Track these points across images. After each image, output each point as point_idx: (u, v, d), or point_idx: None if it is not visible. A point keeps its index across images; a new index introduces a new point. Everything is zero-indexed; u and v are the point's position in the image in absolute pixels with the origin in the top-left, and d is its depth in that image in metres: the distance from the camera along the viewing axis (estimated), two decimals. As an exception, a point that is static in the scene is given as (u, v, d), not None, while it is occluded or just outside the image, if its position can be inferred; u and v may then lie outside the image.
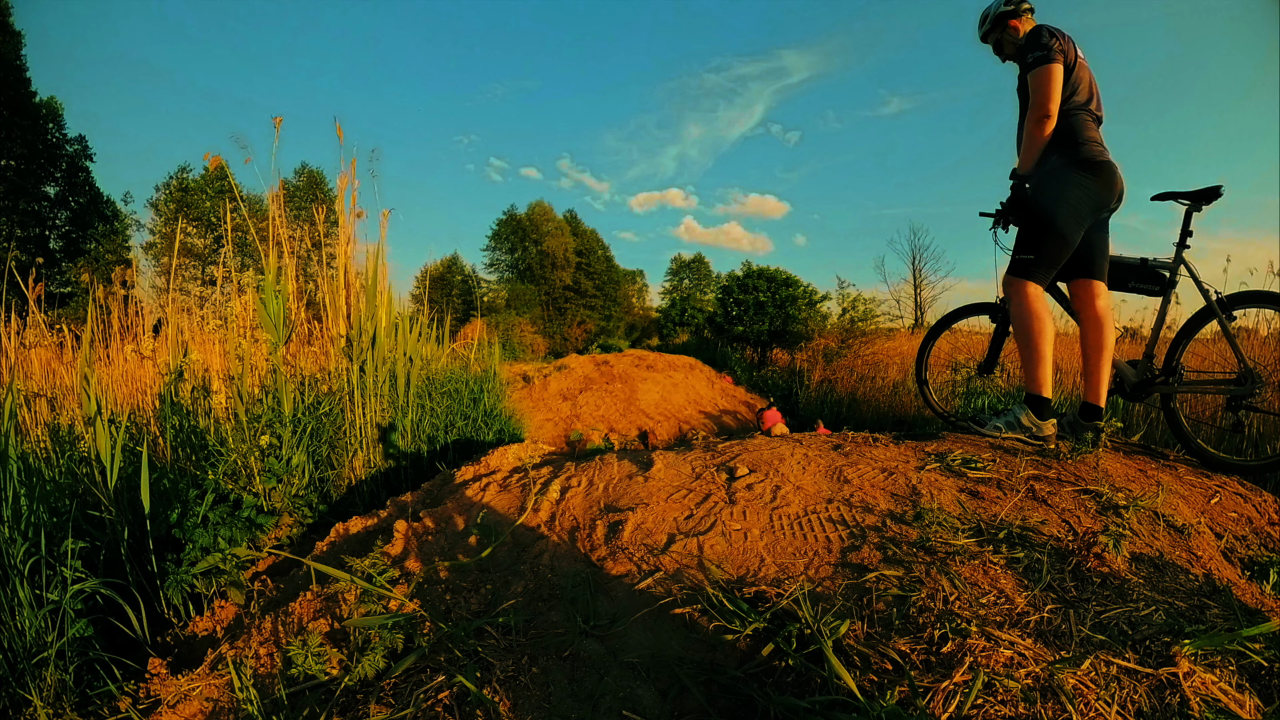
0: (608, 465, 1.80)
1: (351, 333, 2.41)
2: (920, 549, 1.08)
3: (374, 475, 2.37)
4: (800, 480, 1.49)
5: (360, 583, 1.10)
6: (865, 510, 1.28)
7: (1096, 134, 1.73)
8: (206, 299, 12.88)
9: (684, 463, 1.74)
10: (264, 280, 2.05)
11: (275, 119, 2.27)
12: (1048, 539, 1.11)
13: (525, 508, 1.49)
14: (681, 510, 1.37)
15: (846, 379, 6.80)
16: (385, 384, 2.50)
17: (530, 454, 2.30)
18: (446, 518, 1.56)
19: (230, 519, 1.57)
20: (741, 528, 1.25)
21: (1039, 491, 1.33)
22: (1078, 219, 1.66)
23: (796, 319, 9.70)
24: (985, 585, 0.96)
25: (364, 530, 1.69)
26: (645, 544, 1.22)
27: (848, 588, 0.98)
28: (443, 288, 28.13)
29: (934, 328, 2.33)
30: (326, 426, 2.23)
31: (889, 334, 8.77)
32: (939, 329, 2.32)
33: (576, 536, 1.32)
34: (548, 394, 6.93)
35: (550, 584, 1.13)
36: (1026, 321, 1.68)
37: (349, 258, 2.57)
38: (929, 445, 1.73)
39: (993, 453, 1.61)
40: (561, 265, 29.69)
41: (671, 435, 5.94)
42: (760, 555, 1.13)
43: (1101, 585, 0.97)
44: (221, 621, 1.36)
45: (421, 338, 2.96)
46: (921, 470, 1.49)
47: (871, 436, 1.91)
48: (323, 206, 2.77)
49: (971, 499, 1.31)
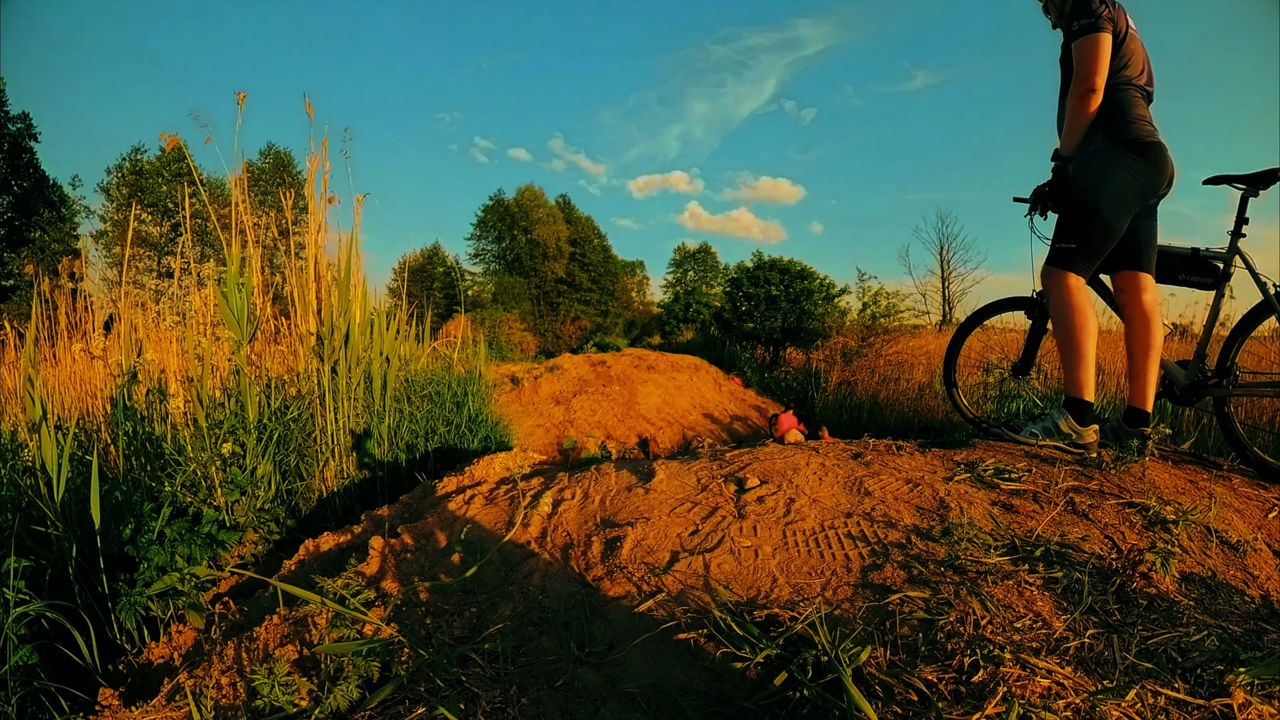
0: (605, 476, 1.80)
1: (323, 330, 2.42)
2: (949, 568, 1.08)
3: (347, 487, 2.37)
4: (816, 492, 1.49)
5: (332, 605, 1.10)
6: (888, 525, 1.28)
7: (1146, 112, 1.72)
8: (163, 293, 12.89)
9: (688, 473, 1.74)
10: (226, 272, 2.05)
11: (238, 95, 2.27)
12: (1089, 557, 1.11)
13: (514, 523, 1.49)
14: (686, 525, 1.37)
15: (867, 381, 6.80)
16: (360, 386, 2.50)
17: (519, 463, 2.30)
18: (427, 534, 1.56)
19: (189, 535, 1.57)
20: (752, 545, 1.25)
21: (1079, 505, 1.33)
22: (1124, 205, 1.66)
23: (812, 315, 9.70)
24: (1020, 608, 0.96)
25: (336, 547, 1.69)
26: (646, 562, 1.22)
27: (869, 610, 0.99)
28: (423, 281, 28.15)
29: (965, 324, 2.34)
30: (295, 433, 2.23)
31: (914, 331, 8.78)
32: (970, 325, 2.32)
33: (570, 554, 1.31)
34: (538, 397, 6.94)
35: (541, 606, 1.13)
36: (1066, 317, 1.68)
37: (320, 247, 2.57)
38: (958, 454, 1.73)
39: (1028, 462, 1.61)
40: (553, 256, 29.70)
41: (675, 443, 5.94)
42: (772, 575, 1.14)
43: (1148, 608, 0.97)
44: (179, 648, 1.36)
45: (399, 335, 2.96)
46: (950, 481, 1.49)
47: (895, 444, 1.91)
48: (291, 191, 2.77)
49: (1005, 513, 1.31)
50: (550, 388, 7.23)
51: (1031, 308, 2.13)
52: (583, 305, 30.25)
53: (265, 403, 2.19)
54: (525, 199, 30.18)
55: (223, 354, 2.32)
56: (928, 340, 7.95)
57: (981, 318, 2.28)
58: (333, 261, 2.64)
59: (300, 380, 2.43)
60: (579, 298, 30.37)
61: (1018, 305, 2.17)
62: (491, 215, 31.03)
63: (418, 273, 28.11)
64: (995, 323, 2.41)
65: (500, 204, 30.92)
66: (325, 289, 2.55)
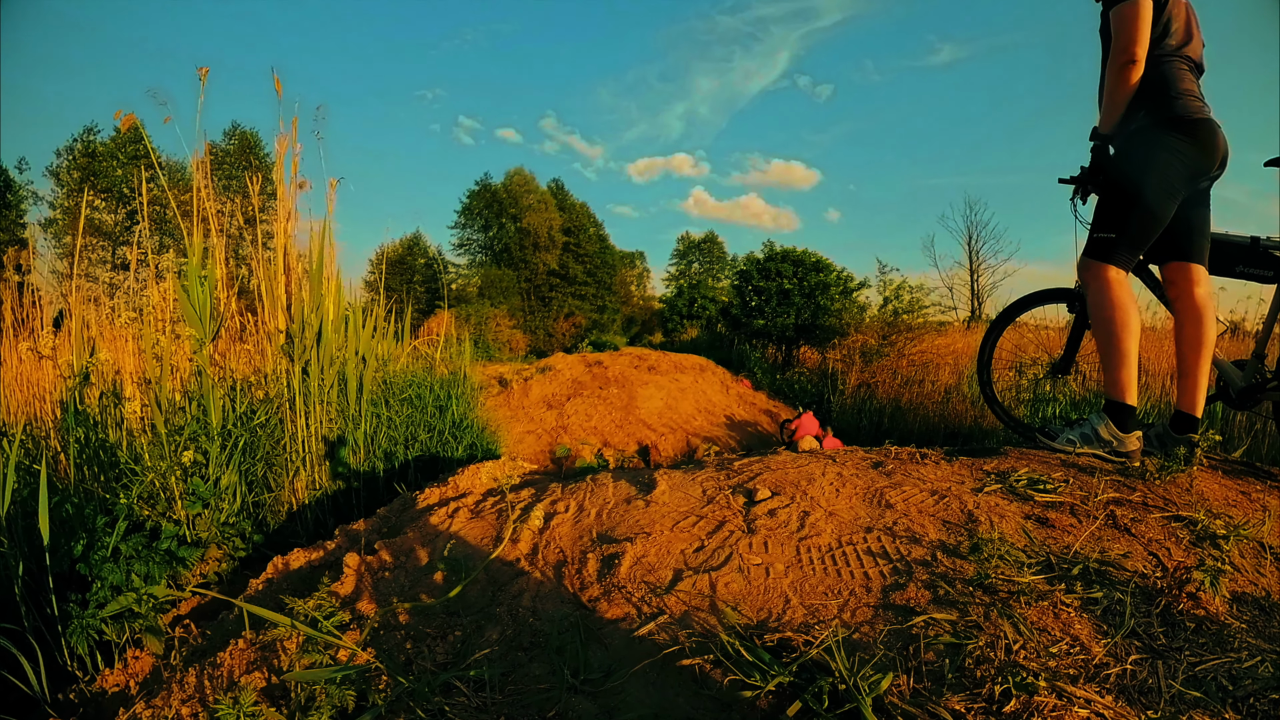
0: (601, 487, 1.80)
1: (293, 327, 2.42)
2: (978, 587, 1.09)
3: (319, 499, 2.37)
4: (833, 505, 1.49)
5: (303, 628, 1.10)
6: (911, 541, 1.28)
7: (1194, 85, 1.71)
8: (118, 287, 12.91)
9: (693, 484, 1.74)
10: (187, 264, 2.05)
11: (200, 69, 2.27)
12: (1131, 575, 1.11)
13: (502, 538, 1.50)
14: (690, 541, 1.37)
15: (889, 383, 6.80)
16: (333, 389, 2.50)
17: (508, 473, 2.30)
18: (407, 550, 1.56)
19: (146, 552, 1.57)
20: (763, 562, 1.25)
21: (1121, 518, 1.33)
22: (1169, 189, 1.66)
23: (829, 310, 9.71)
24: (1056, 631, 0.96)
25: (308, 565, 1.69)
26: (646, 581, 1.22)
27: (890, 634, 0.99)
28: (403, 273, 28.17)
29: (999, 319, 2.34)
30: (262, 440, 2.23)
31: (940, 329, 8.78)
32: (1005, 320, 2.33)
33: (564, 573, 1.32)
34: (529, 401, 6.94)
35: (532, 630, 1.13)
36: (1106, 313, 1.68)
37: (289, 237, 2.57)
38: (988, 462, 1.73)
39: (1065, 471, 1.61)
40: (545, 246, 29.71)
41: (678, 450, 5.95)
42: (785, 595, 1.14)
43: (1196, 631, 0.97)
44: (136, 675, 1.36)
45: (377, 333, 2.96)
46: (979, 493, 1.49)
47: (919, 452, 1.91)
48: (258, 175, 2.77)
49: (1039, 527, 1.31)
50: (542, 390, 7.24)
51: (1073, 301, 2.13)
52: (577, 300, 30.27)
53: (230, 407, 2.19)
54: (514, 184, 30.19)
55: (183, 354, 2.32)
56: (955, 338, 7.95)
57: (1018, 311, 2.28)
58: (304, 252, 2.64)
59: (268, 382, 2.43)
60: (573, 292, 30.39)
61: (1058, 298, 2.17)
62: (477, 202, 31.04)
63: (397, 264, 28.14)
64: (1029, 318, 2.41)
65: (487, 189, 30.92)
66: (295, 282, 2.55)
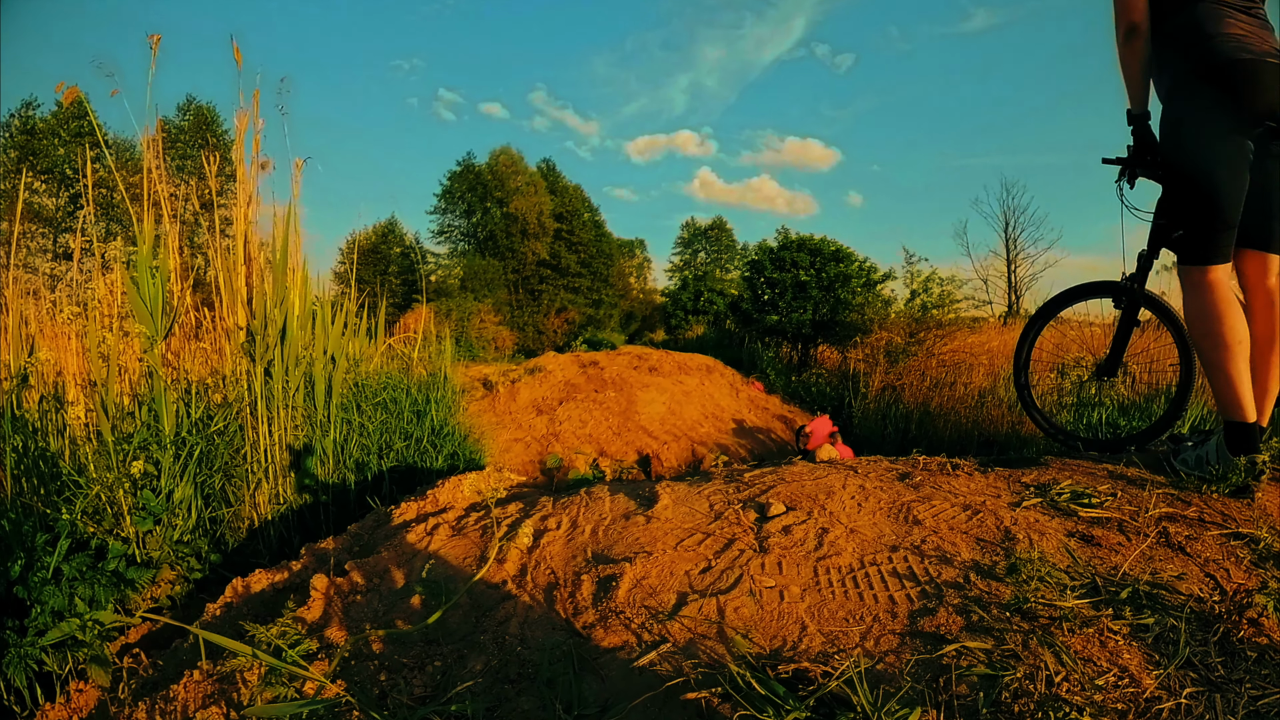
0: (597, 501, 1.80)
1: (254, 324, 2.42)
2: (1016, 613, 1.08)
3: (284, 514, 2.37)
4: (855, 521, 1.49)
5: (266, 658, 1.10)
6: (942, 561, 1.28)
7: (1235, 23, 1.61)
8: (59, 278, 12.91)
9: (699, 497, 1.74)
10: (136, 253, 2.05)
11: (151, 37, 2.27)
12: (1186, 600, 1.11)
13: (487, 558, 1.50)
14: (696, 561, 1.37)
15: (917, 385, 6.81)
16: (299, 392, 2.50)
17: (493, 486, 2.30)
18: (381, 571, 1.56)
19: (91, 573, 1.57)
20: (776, 584, 1.25)
21: (1174, 536, 1.33)
22: (1221, 152, 1.58)
23: (850, 305, 9.72)
24: (1102, 661, 0.96)
25: (271, 588, 1.69)
26: (647, 606, 1.22)
27: (918, 664, 0.98)
28: (376, 263, 28.17)
29: (1038, 315, 2.34)
30: (221, 449, 2.23)
31: (973, 325, 8.79)
32: (1045, 316, 2.33)
33: (555, 596, 1.32)
34: (516, 406, 6.94)
35: (520, 659, 1.13)
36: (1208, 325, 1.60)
37: (250, 223, 2.57)
38: (1027, 474, 1.73)
39: (1112, 484, 1.61)
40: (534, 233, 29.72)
41: (682, 461, 5.95)
42: (801, 621, 1.14)
43: (1258, 661, 0.97)
44: (80, 710, 1.36)
45: (348, 330, 2.96)
46: (1017, 508, 1.49)
47: (950, 463, 1.91)
48: (215, 155, 2.78)
49: (1084, 546, 1.31)
50: (531, 394, 7.24)
51: (1120, 295, 2.12)
52: (570, 293, 30.27)
53: (184, 412, 2.19)
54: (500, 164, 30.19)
55: (132, 353, 2.31)
56: (990, 336, 7.95)
57: (1060, 307, 2.28)
58: (266, 240, 2.64)
59: (227, 385, 2.43)
60: (566, 284, 30.40)
61: (1104, 292, 2.17)
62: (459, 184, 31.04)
63: (370, 254, 28.14)
64: (1071, 314, 2.41)
65: (470, 170, 30.93)
66: (257, 274, 2.55)
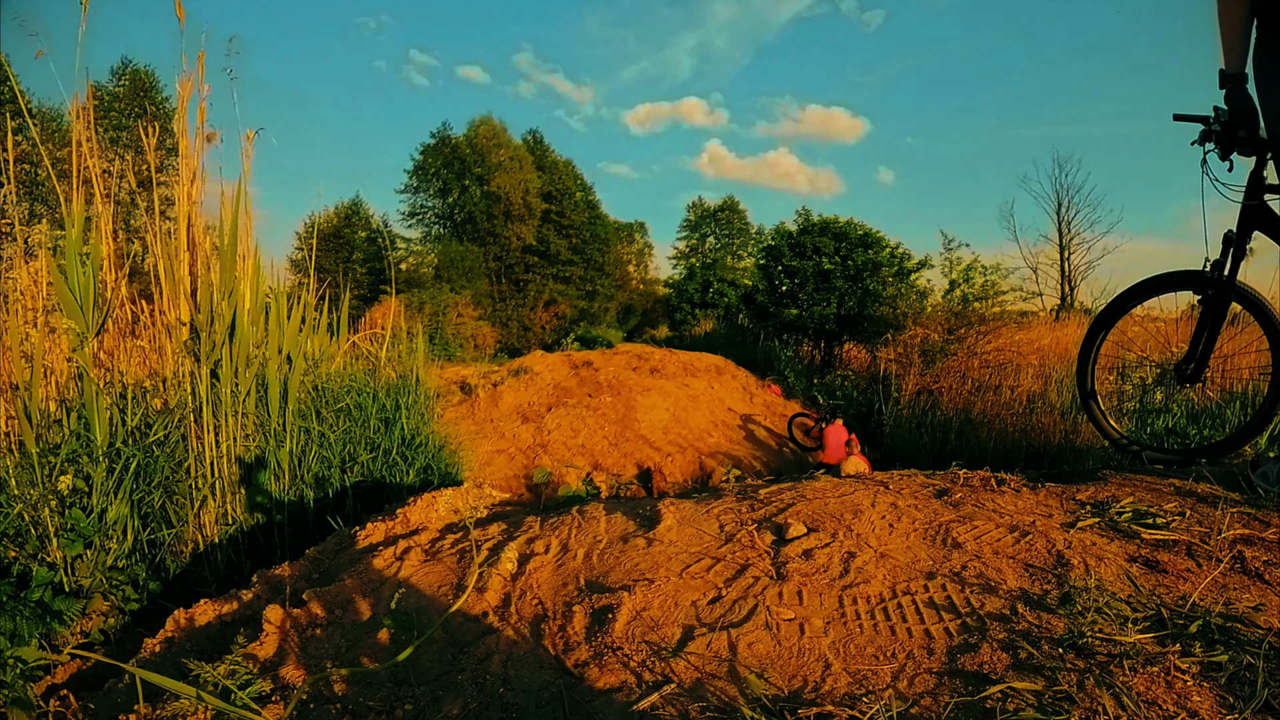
0: (591, 521, 1.80)
1: (199, 318, 2.42)
2: (1069, 649, 1.08)
3: (233, 536, 2.37)
4: (886, 544, 1.49)
5: (212, 700, 1.10)
6: (985, 590, 1.28)
7: None
8: (-24, 267, 12.85)
9: (707, 517, 1.74)
10: (64, 238, 2.05)
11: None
12: (1264, 634, 1.11)
13: (465, 586, 1.49)
14: (704, 590, 1.37)
15: (956, 388, 6.82)
16: (250, 397, 2.50)
17: (472, 504, 2.30)
18: (344, 602, 1.56)
19: (12, 604, 1.57)
20: (796, 617, 1.25)
21: (1251, 561, 1.33)
22: None
23: (880, 297, 9.73)
24: (1169, 705, 0.96)
25: (218, 620, 1.69)
26: (648, 641, 1.22)
27: (958, 708, 0.99)
28: (339, 249, 28.19)
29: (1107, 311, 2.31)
30: (161, 462, 2.23)
31: (1021, 320, 8.79)
32: (1115, 313, 2.29)
33: (543, 630, 1.31)
34: (499, 412, 6.94)
35: (503, 703, 1.13)
36: None
37: (195, 203, 2.57)
38: (1082, 490, 1.73)
39: (1180, 501, 1.61)
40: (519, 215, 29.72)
41: (688, 475, 5.95)
42: (824, 658, 1.14)
43: (1346, 704, 0.97)
44: (0, 760, 1.36)
45: (306, 326, 2.96)
46: (1071, 529, 1.49)
47: (994, 477, 1.91)
48: (155, 125, 2.78)
49: (1148, 573, 1.31)
50: (515, 399, 7.24)
51: (1205, 287, 2.11)
52: (560, 284, 30.26)
53: (119, 419, 2.19)
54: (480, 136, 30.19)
55: (60, 352, 2.32)
56: (1040, 332, 7.96)
57: (1133, 301, 2.25)
58: (213, 223, 2.64)
59: (168, 389, 2.43)
60: (555, 273, 30.39)
61: (1185, 283, 2.15)
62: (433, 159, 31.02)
63: (332, 239, 28.16)
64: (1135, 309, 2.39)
65: (446, 144, 30.92)
66: (202, 261, 2.55)
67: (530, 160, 30.67)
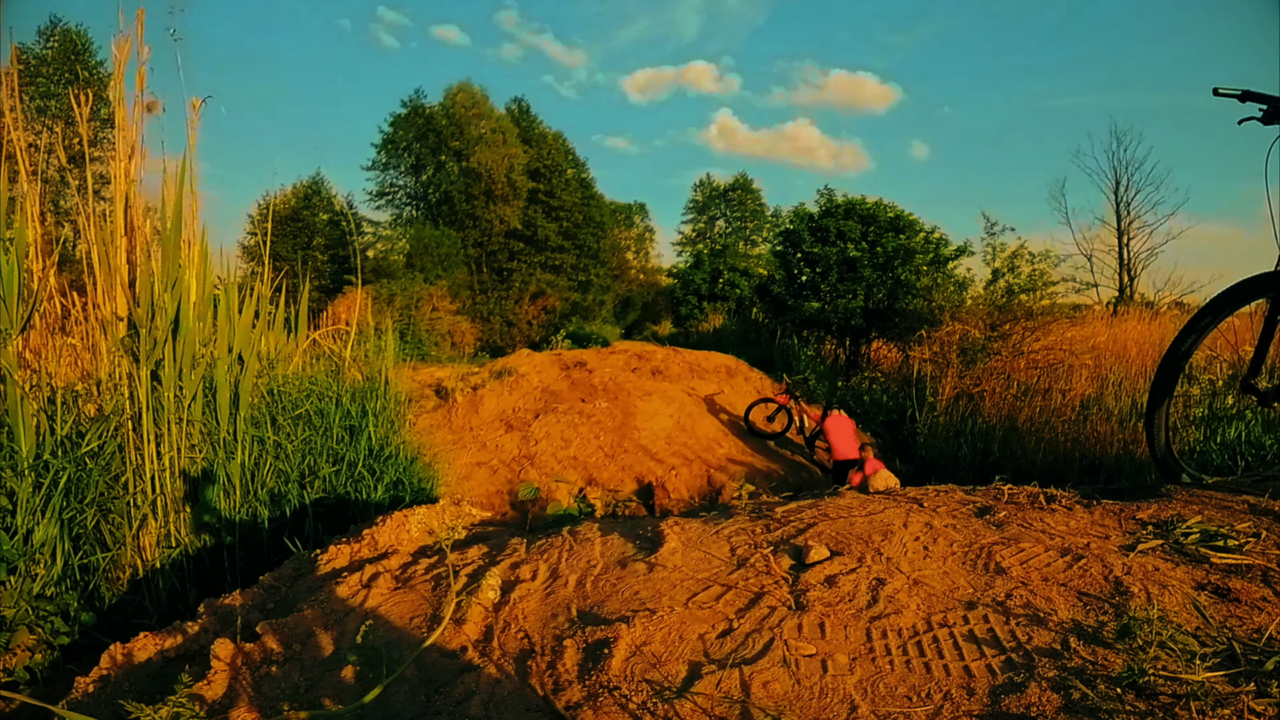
0: (584, 544, 1.80)
1: (138, 313, 2.42)
2: (1129, 688, 1.08)
3: (177, 560, 2.37)
4: (920, 570, 1.49)
5: (153, 748, 1.10)
6: (1033, 622, 1.28)
7: None
8: (-114, 254, 12.82)
9: (716, 539, 1.74)
10: (-14, 221, 2.05)
11: (5, -60, 2.27)
12: (1351, 671, 1.11)
13: (441, 618, 1.49)
14: (713, 622, 1.37)
15: (1000, 393, 6.82)
16: (197, 402, 2.50)
17: (449, 523, 2.30)
18: (303, 635, 1.55)
19: (-73, 637, 1.57)
20: (818, 652, 1.25)
21: (1335, 589, 1.33)
22: None
23: (913, 289, 9.73)
24: (1242, 752, 0.96)
25: (160, 656, 1.69)
26: (649, 680, 1.22)
27: (1002, 756, 0.98)
28: (297, 235, 28.20)
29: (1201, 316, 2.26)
30: (95, 476, 2.23)
31: (1074, 315, 8.80)
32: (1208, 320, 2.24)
33: (530, 667, 1.31)
34: (480, 419, 6.95)
35: (484, 750, 1.13)
36: None
37: (133, 181, 2.57)
38: (1143, 508, 1.73)
39: (1253, 521, 1.61)
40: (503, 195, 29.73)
41: (695, 490, 5.95)
42: (850, 699, 1.14)
43: None
44: (-88, 815, 1.36)
45: (260, 321, 2.96)
46: (1131, 552, 1.49)
47: (1043, 494, 1.91)
48: (88, 93, 2.77)
49: (1218, 602, 1.31)
50: (498, 404, 7.24)
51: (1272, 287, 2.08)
52: (549, 273, 30.27)
53: (47, 428, 2.19)
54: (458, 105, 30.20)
55: (-20, 351, 2.31)
56: (1096, 329, 7.96)
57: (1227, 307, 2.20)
58: (154, 205, 2.64)
59: (103, 392, 2.43)
60: (543, 261, 30.40)
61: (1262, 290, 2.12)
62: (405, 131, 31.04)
63: (290, 222, 28.17)
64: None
65: (419, 114, 30.94)
66: (142, 248, 2.55)
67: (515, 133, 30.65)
